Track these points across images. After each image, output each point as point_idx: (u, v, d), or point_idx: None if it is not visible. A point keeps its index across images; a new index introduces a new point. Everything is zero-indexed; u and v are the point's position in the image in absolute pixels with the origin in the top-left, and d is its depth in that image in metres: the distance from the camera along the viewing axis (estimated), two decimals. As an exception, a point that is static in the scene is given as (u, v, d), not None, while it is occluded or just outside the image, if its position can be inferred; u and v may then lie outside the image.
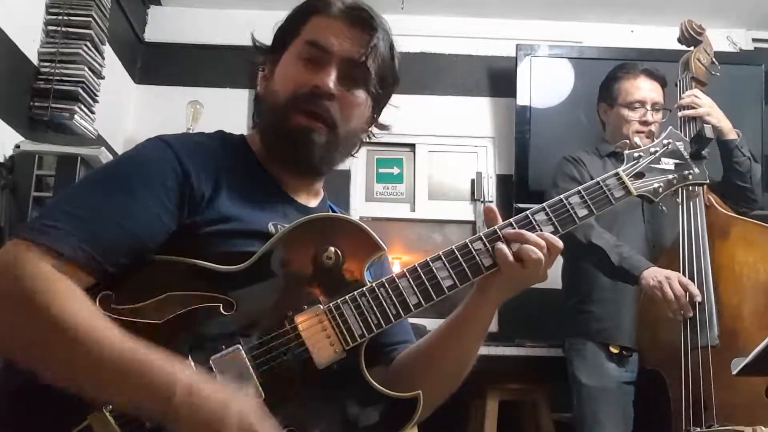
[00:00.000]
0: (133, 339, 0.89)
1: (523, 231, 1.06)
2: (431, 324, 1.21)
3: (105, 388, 0.88)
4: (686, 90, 2.27)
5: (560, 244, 1.06)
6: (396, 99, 1.24)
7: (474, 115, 3.63)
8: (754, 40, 3.72)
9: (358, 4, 1.14)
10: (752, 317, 1.94)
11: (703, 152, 1.20)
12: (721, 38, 3.55)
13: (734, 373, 1.50)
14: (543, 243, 1.04)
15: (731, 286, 2.00)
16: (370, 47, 1.11)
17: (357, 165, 3.54)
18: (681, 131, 2.14)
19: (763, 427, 1.58)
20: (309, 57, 1.11)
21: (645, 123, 2.32)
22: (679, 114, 2.19)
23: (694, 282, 2.00)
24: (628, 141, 1.20)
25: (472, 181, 3.59)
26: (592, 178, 1.16)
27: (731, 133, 2.22)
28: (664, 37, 2.40)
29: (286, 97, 1.10)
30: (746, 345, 1.85)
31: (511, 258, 1.04)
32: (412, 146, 3.65)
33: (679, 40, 2.35)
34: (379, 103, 1.20)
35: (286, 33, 1.16)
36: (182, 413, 0.86)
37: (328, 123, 1.11)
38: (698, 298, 1.96)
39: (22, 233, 0.93)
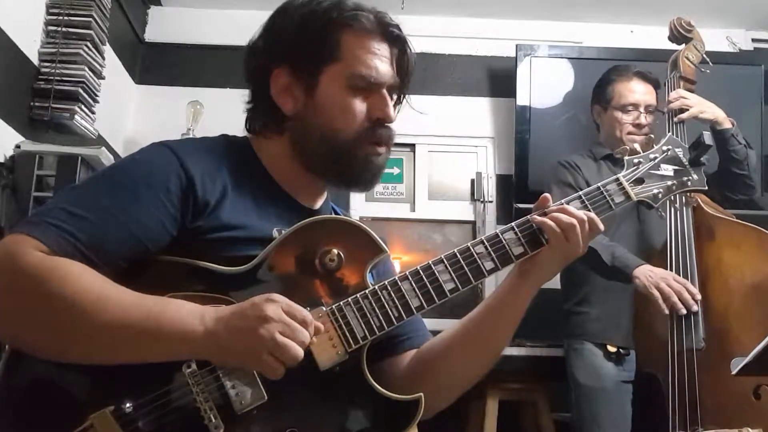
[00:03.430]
0: (147, 296, 0.94)
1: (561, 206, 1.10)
2: (431, 324, 1.22)
3: (136, 346, 0.92)
4: (674, 89, 2.25)
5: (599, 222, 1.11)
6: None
7: (474, 115, 3.63)
8: (753, 40, 3.72)
9: (386, 18, 1.15)
10: (739, 319, 1.93)
11: (702, 159, 1.21)
12: (721, 38, 3.56)
13: (734, 372, 1.51)
14: (576, 215, 1.08)
15: (718, 287, 1.99)
16: (408, 69, 1.17)
17: (357, 165, 3.54)
18: (672, 132, 2.14)
19: (750, 429, 1.58)
20: (360, 87, 1.12)
21: (638, 126, 2.32)
22: (675, 119, 2.19)
23: None
24: (627, 147, 1.21)
25: (472, 181, 3.59)
26: (587, 183, 1.18)
27: (726, 122, 2.22)
28: (664, 37, 2.39)
29: (352, 133, 1.11)
30: (733, 347, 1.86)
31: (557, 228, 1.07)
32: (412, 146, 3.65)
33: (669, 39, 2.35)
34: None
35: (315, 50, 1.12)
36: (222, 334, 0.92)
37: (389, 145, 1.15)
38: (698, 296, 1.96)
39: (21, 228, 0.94)
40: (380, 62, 1.12)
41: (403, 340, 1.19)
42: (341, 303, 1.01)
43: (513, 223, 1.09)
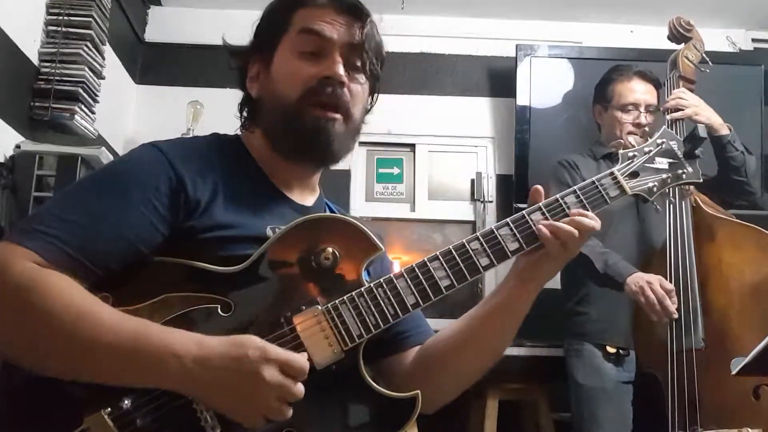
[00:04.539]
0: (130, 319, 0.91)
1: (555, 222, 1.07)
2: (430, 324, 1.22)
3: (112, 371, 0.90)
4: (674, 89, 2.25)
5: (594, 223, 1.07)
6: (396, 99, 1.24)
7: (474, 115, 3.63)
8: (753, 40, 3.72)
9: None
10: (739, 318, 1.93)
11: (696, 151, 1.20)
12: (721, 38, 3.56)
13: (734, 372, 1.50)
14: (577, 222, 1.06)
15: (718, 287, 1.99)
16: (365, 32, 1.12)
17: (357, 165, 3.55)
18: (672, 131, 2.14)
19: (750, 429, 1.58)
20: (308, 49, 1.11)
21: (638, 125, 2.32)
22: (667, 117, 2.18)
23: (680, 284, 1.99)
24: (622, 141, 1.20)
25: (472, 181, 3.59)
26: None
27: (723, 129, 2.21)
28: (664, 37, 2.39)
29: (296, 95, 1.09)
30: (734, 346, 1.86)
31: (556, 241, 1.05)
32: (412, 146, 3.64)
33: (669, 38, 2.35)
34: (373, 89, 1.21)
35: (272, 30, 1.15)
36: (207, 381, 0.89)
37: (343, 111, 1.11)
38: (674, 306, 1.96)
39: (13, 236, 0.94)
40: (330, 26, 1.11)
41: (406, 337, 1.19)
42: (337, 302, 1.00)
43: (508, 219, 1.08)
